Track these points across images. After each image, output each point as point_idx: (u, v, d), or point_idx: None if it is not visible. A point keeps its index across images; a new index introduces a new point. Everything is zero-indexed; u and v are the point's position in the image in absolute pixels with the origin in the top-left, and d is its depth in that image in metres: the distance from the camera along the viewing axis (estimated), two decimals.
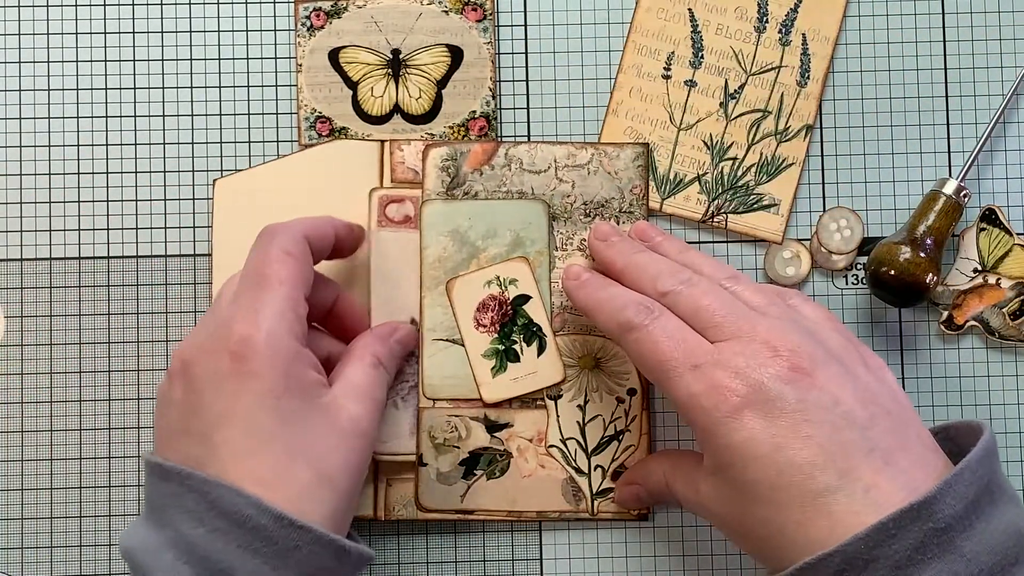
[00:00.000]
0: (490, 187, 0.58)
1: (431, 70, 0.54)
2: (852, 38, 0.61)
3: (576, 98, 0.61)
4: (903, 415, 0.45)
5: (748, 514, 0.45)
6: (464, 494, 0.58)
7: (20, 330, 0.59)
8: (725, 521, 0.47)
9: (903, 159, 0.60)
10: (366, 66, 0.54)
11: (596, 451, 0.58)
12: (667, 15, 0.61)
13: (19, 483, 0.58)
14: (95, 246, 0.59)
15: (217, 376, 0.45)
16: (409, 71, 0.54)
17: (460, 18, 0.54)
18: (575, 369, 0.58)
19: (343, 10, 0.54)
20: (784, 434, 0.43)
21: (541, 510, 0.58)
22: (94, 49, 0.60)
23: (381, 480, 0.57)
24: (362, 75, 0.54)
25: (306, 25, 0.54)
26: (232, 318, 0.46)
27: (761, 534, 0.44)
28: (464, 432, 0.58)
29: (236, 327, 0.45)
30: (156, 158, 0.60)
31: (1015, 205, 0.60)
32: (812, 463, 0.43)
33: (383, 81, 0.54)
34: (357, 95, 0.54)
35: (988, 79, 0.61)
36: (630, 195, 0.59)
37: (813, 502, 0.42)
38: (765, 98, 0.60)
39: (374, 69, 0.54)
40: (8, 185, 0.60)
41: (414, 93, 0.54)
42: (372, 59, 0.54)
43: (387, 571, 0.58)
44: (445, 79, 0.54)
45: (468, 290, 0.57)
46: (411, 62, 0.54)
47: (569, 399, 0.58)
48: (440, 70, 0.54)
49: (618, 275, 0.53)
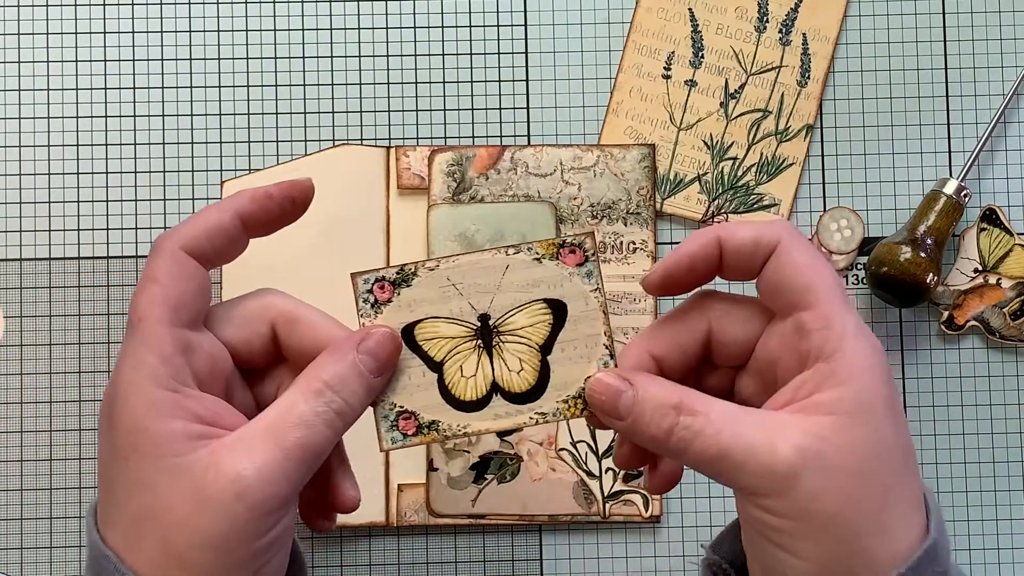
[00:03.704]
0: (496, 191, 0.58)
1: (530, 334, 0.42)
2: (852, 38, 0.61)
3: (576, 98, 0.61)
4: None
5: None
6: (475, 498, 0.58)
7: (20, 330, 0.59)
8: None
9: (903, 159, 0.60)
10: (451, 340, 0.42)
11: (607, 454, 0.58)
12: (667, 15, 0.61)
13: (19, 483, 0.58)
14: (95, 246, 0.59)
15: (101, 439, 0.40)
16: (504, 339, 0.42)
17: (556, 264, 0.42)
18: None
19: (412, 276, 0.42)
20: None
21: (552, 513, 0.58)
22: (94, 49, 0.60)
23: (392, 487, 0.58)
24: (447, 352, 0.42)
25: (369, 301, 0.42)
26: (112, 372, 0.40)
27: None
28: (474, 437, 0.58)
29: (110, 381, 0.40)
30: (156, 158, 0.60)
31: (1015, 205, 0.60)
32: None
33: (473, 356, 0.42)
34: (443, 378, 0.42)
35: (988, 79, 0.61)
36: (637, 196, 0.59)
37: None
38: (765, 98, 0.60)
39: (461, 343, 0.42)
40: (8, 185, 0.60)
41: (513, 365, 0.42)
42: (457, 331, 0.42)
43: (388, 571, 0.58)
44: (549, 343, 0.42)
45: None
46: (504, 327, 0.42)
47: None
48: (541, 333, 0.42)
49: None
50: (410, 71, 0.61)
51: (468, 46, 0.61)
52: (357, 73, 0.61)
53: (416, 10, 0.61)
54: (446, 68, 0.61)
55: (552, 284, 0.42)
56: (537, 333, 0.42)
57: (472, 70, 0.61)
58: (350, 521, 0.57)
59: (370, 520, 0.57)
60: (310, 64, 0.61)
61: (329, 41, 0.61)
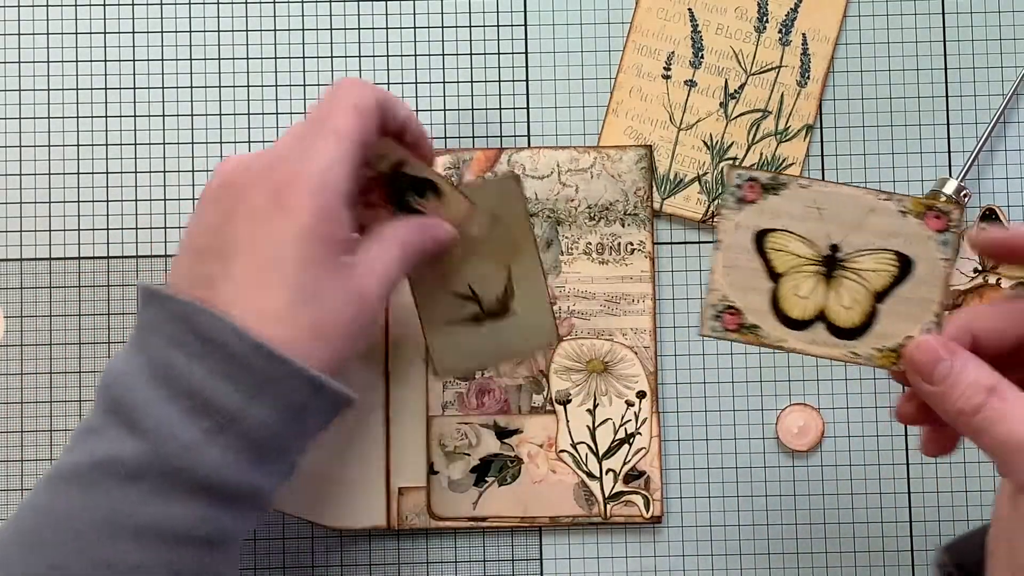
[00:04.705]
0: None
1: (871, 278, 0.44)
2: (852, 38, 0.61)
3: (576, 98, 0.61)
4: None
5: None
6: (476, 501, 0.58)
7: (20, 330, 0.59)
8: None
9: (903, 159, 0.60)
10: (797, 258, 0.44)
11: (607, 455, 0.58)
12: (667, 15, 0.61)
13: (19, 483, 0.58)
14: (95, 246, 0.59)
15: (254, 205, 0.44)
16: (845, 274, 0.44)
17: (920, 224, 0.43)
18: (583, 373, 0.58)
19: (783, 186, 0.44)
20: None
21: (553, 515, 0.58)
22: (94, 49, 0.60)
23: (393, 490, 0.58)
24: (789, 267, 0.44)
25: (735, 195, 0.44)
26: (285, 156, 0.45)
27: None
28: (474, 439, 0.58)
29: (286, 164, 0.45)
30: (156, 158, 0.60)
31: (1015, 205, 0.60)
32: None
33: (812, 280, 0.44)
34: (778, 290, 0.44)
35: (988, 79, 0.61)
36: (634, 197, 0.59)
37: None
38: (765, 98, 0.60)
39: (806, 264, 0.44)
40: (8, 185, 0.60)
41: (846, 301, 0.44)
42: (806, 251, 0.44)
43: (388, 571, 0.58)
44: (885, 292, 0.44)
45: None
46: (850, 264, 0.44)
47: (578, 403, 0.58)
48: (883, 280, 0.44)
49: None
50: (410, 71, 0.61)
51: (468, 46, 0.61)
52: (357, 73, 0.61)
53: (416, 10, 0.61)
54: (446, 68, 0.61)
55: (908, 240, 0.43)
56: (878, 279, 0.44)
57: (472, 70, 0.61)
58: (351, 525, 0.57)
59: (371, 524, 0.57)
60: (310, 64, 0.61)
61: (329, 41, 0.61)
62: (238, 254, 0.43)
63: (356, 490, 0.57)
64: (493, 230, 0.53)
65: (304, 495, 0.57)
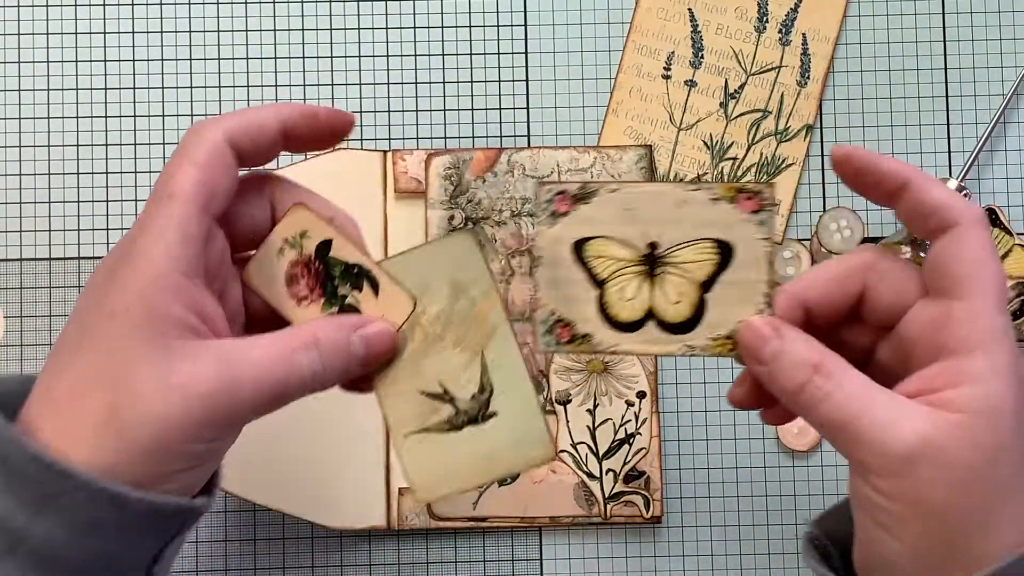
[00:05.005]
0: (493, 194, 0.58)
1: (693, 269, 0.43)
2: (852, 38, 0.61)
3: (576, 98, 0.61)
4: None
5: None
6: (476, 501, 0.58)
7: (20, 330, 0.59)
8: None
9: (903, 159, 0.60)
10: (617, 262, 0.44)
11: (607, 455, 0.58)
12: (667, 15, 0.61)
13: None
14: (95, 246, 0.59)
15: (87, 295, 0.39)
16: (667, 270, 0.44)
17: (732, 208, 0.43)
18: (583, 373, 0.58)
19: (592, 194, 0.43)
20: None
21: (553, 515, 0.58)
22: (94, 49, 0.60)
23: (392, 490, 0.57)
24: (611, 272, 0.44)
25: (547, 211, 0.44)
26: (128, 235, 0.40)
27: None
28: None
29: (122, 243, 0.40)
30: (156, 158, 0.60)
31: (1015, 205, 0.60)
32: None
33: (636, 280, 0.44)
34: (604, 297, 0.44)
35: (988, 79, 0.61)
36: None
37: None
38: (765, 98, 0.60)
39: (627, 266, 0.44)
40: (8, 185, 0.60)
41: (672, 297, 0.43)
42: (625, 253, 0.44)
43: (388, 571, 0.58)
44: (710, 281, 0.43)
45: (266, 272, 0.44)
46: (670, 259, 0.44)
47: (578, 404, 0.58)
48: (705, 270, 0.43)
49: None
50: (410, 71, 0.61)
51: (468, 46, 0.61)
52: (357, 73, 0.61)
53: (416, 10, 0.61)
54: (446, 68, 0.61)
55: (724, 226, 0.43)
56: (701, 270, 0.43)
57: (472, 71, 0.61)
58: (351, 525, 0.57)
59: (371, 524, 0.57)
60: (310, 64, 0.61)
61: (329, 41, 0.61)
62: (57, 346, 0.39)
63: (356, 490, 0.57)
64: (455, 304, 0.45)
65: (304, 495, 0.57)
